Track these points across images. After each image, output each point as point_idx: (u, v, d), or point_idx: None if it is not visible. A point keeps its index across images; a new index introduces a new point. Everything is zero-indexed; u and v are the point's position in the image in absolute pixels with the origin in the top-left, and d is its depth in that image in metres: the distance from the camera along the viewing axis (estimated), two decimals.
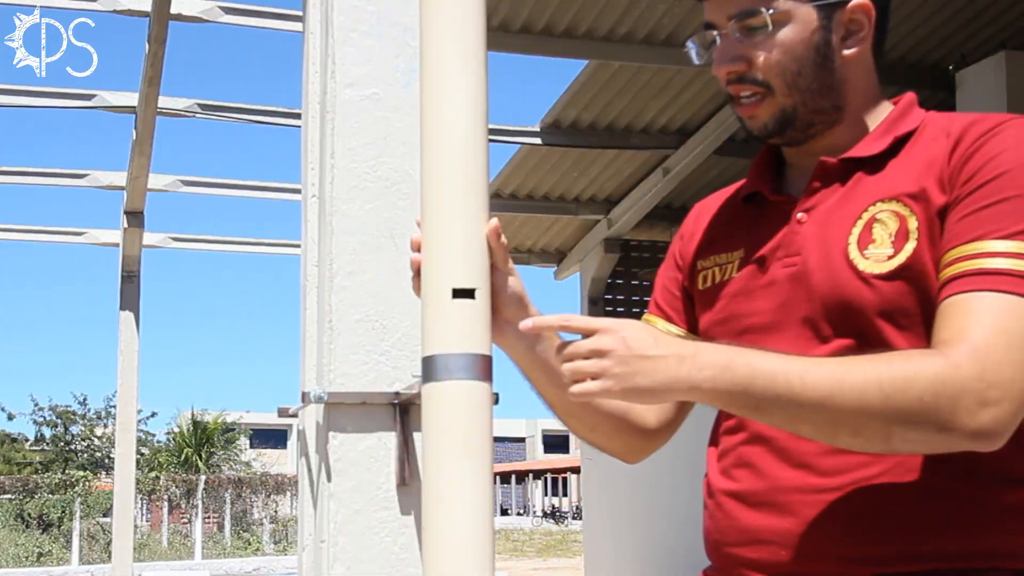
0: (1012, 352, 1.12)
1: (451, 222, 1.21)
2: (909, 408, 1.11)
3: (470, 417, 1.19)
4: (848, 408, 1.12)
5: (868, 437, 1.14)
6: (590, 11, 5.98)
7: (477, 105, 1.23)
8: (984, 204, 1.18)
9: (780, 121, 1.32)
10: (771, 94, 1.31)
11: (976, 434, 1.12)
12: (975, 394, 1.11)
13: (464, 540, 1.16)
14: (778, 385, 1.14)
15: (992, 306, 1.14)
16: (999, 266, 1.15)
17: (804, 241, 1.30)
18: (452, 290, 1.20)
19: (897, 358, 1.14)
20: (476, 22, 1.25)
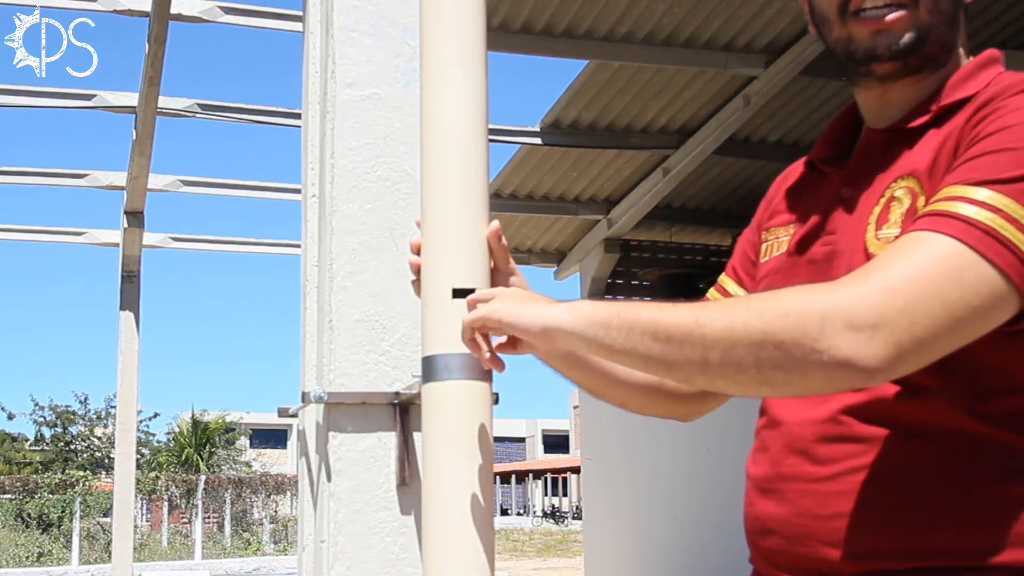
0: (912, 286, 1.02)
1: (451, 222, 1.21)
2: (775, 326, 1.03)
3: (470, 417, 1.19)
4: (716, 332, 1.06)
5: (738, 364, 1.05)
6: (590, 11, 5.98)
7: (477, 105, 1.23)
8: (979, 153, 1.10)
9: (915, 39, 1.23)
10: (914, 6, 1.23)
11: (845, 363, 1.01)
12: (847, 315, 1.01)
13: (464, 540, 1.16)
14: (642, 314, 1.10)
15: (929, 247, 1.04)
16: (961, 211, 1.05)
17: (841, 219, 1.27)
18: (452, 290, 1.21)
19: (776, 289, 1.09)
20: (476, 22, 1.25)
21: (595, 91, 6.96)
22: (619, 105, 7.16)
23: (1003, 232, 1.04)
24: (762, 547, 1.30)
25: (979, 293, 1.03)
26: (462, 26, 1.24)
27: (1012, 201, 1.05)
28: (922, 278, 1.02)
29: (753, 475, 1.33)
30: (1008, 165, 1.07)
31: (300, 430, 2.61)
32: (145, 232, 7.41)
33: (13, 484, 21.85)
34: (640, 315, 1.11)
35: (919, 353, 1.03)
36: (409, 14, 2.38)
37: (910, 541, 1.15)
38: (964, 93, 1.22)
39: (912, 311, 1.01)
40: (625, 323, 1.11)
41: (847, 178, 1.29)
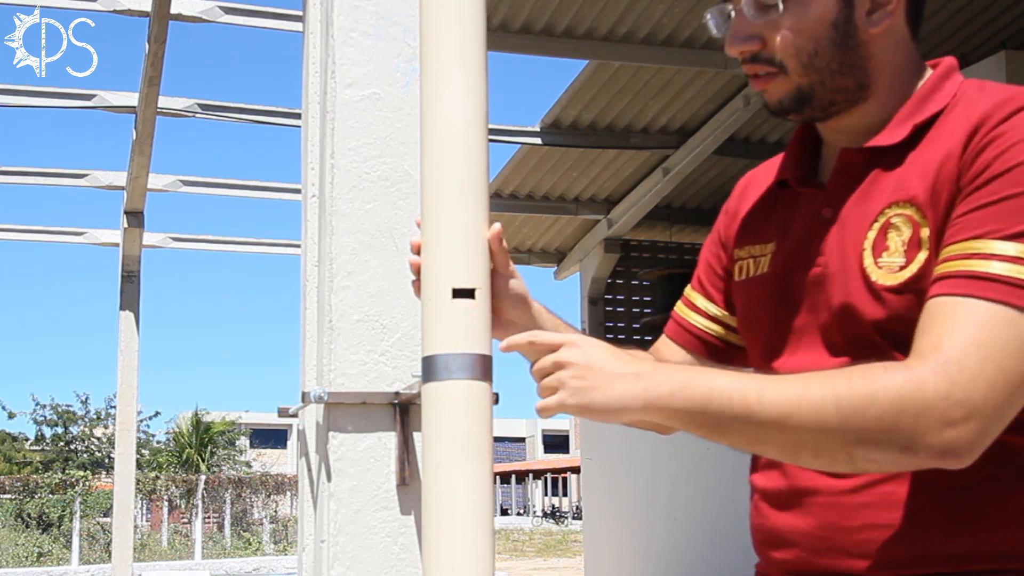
0: (987, 366, 1.05)
1: (451, 222, 1.21)
2: (869, 428, 1.06)
3: (470, 417, 1.19)
4: (806, 428, 1.07)
5: (830, 457, 1.09)
6: (590, 11, 5.98)
7: (477, 105, 1.23)
8: (991, 200, 1.10)
9: (796, 100, 1.25)
10: (784, 73, 1.24)
11: (943, 453, 1.06)
12: (939, 413, 1.04)
13: (464, 540, 1.16)
14: (735, 405, 1.09)
15: (975, 315, 1.06)
16: (994, 271, 1.07)
17: (827, 242, 1.25)
18: (452, 290, 1.20)
19: (859, 374, 1.08)
20: (476, 22, 1.25)
21: (595, 91, 6.96)
22: (619, 105, 7.16)
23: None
24: (778, 559, 1.30)
25: None
26: (462, 26, 1.24)
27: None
28: (994, 358, 1.05)
29: (764, 488, 1.33)
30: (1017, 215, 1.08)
31: (300, 430, 2.61)
32: (145, 232, 7.41)
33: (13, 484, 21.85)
34: (732, 406, 1.09)
35: (1000, 426, 1.08)
36: (409, 14, 2.38)
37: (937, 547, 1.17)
38: (935, 107, 1.22)
39: (994, 396, 1.05)
40: (718, 415, 1.10)
41: (827, 199, 1.27)
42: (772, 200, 1.38)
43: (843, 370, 1.09)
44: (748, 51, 1.25)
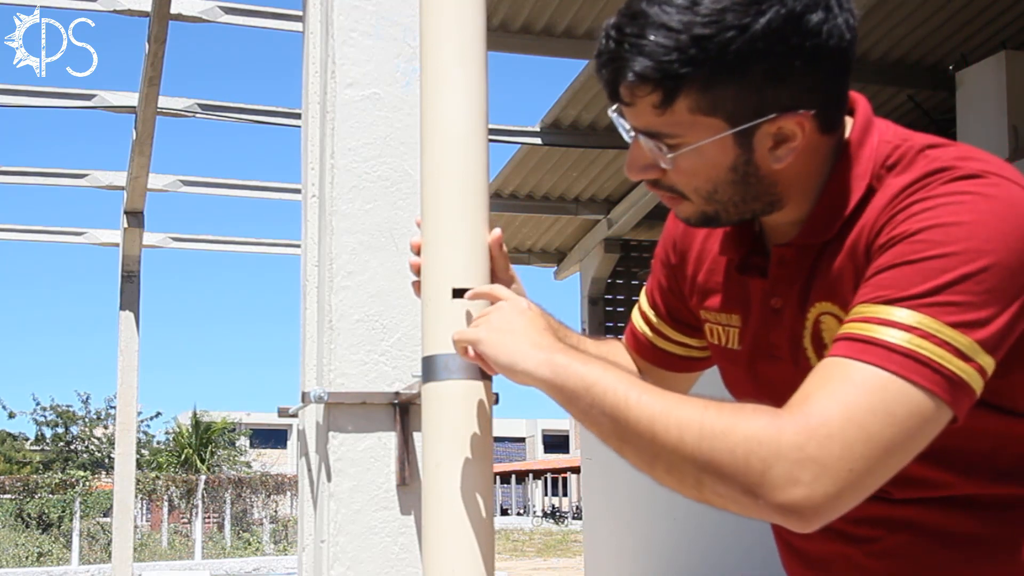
0: (848, 428, 1.01)
1: (451, 222, 1.21)
2: (720, 460, 1.04)
3: (470, 417, 1.19)
4: (665, 442, 1.06)
5: (680, 478, 1.08)
6: (590, 11, 5.98)
7: (477, 105, 1.23)
8: (889, 264, 1.08)
9: (703, 221, 1.23)
10: (686, 199, 1.21)
11: (783, 508, 1.03)
12: (789, 464, 1.01)
13: (464, 540, 1.16)
14: (607, 399, 1.09)
15: (850, 376, 1.04)
16: (883, 337, 1.04)
17: (779, 334, 1.25)
18: (452, 290, 1.21)
19: (730, 408, 1.06)
20: (476, 22, 1.25)
21: (595, 91, 6.95)
22: None
23: (923, 352, 1.04)
24: None
25: (912, 422, 1.04)
26: (462, 26, 1.24)
27: (926, 317, 1.05)
28: (856, 419, 1.02)
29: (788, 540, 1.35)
30: (917, 278, 1.06)
31: (300, 430, 2.61)
32: (145, 232, 7.41)
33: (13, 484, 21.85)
34: (607, 396, 1.09)
35: (856, 495, 1.04)
36: (409, 14, 2.38)
37: None
38: (856, 194, 1.17)
39: (850, 457, 1.02)
40: (594, 400, 1.10)
41: (773, 288, 1.26)
42: (722, 263, 1.35)
43: (719, 401, 1.08)
44: (648, 179, 1.22)
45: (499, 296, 1.21)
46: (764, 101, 1.11)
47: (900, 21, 6.18)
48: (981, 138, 5.96)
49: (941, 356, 1.04)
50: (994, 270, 1.05)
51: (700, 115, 1.12)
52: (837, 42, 1.11)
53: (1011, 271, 1.06)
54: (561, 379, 1.12)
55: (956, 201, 1.07)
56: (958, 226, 1.06)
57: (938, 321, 1.04)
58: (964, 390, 1.05)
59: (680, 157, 1.15)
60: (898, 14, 6.11)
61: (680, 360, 1.48)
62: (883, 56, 6.50)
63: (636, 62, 1.10)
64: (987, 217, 1.06)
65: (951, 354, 1.04)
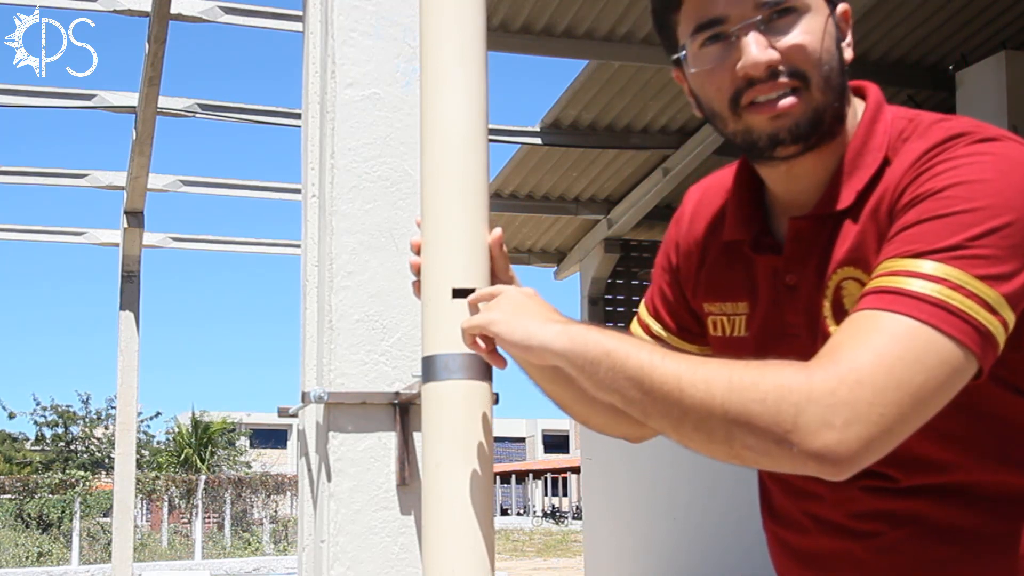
0: (879, 373, 1.03)
1: (451, 222, 1.21)
2: (751, 410, 1.03)
3: (470, 417, 1.19)
4: (693, 398, 1.06)
5: (709, 434, 1.07)
6: (590, 11, 5.98)
7: (477, 105, 1.23)
8: (915, 221, 1.11)
9: (812, 121, 1.21)
10: (806, 89, 1.19)
11: (816, 455, 1.03)
12: (820, 409, 1.02)
13: (464, 540, 1.16)
14: (631, 363, 1.09)
15: (879, 326, 1.06)
16: (913, 288, 1.07)
17: (795, 309, 1.26)
18: (452, 290, 1.21)
19: (756, 363, 1.07)
20: (476, 22, 1.25)
21: (595, 91, 6.96)
22: (619, 105, 7.16)
23: (952, 302, 1.06)
24: None
25: (941, 370, 1.05)
26: (462, 26, 1.24)
27: (955, 269, 1.07)
28: (886, 365, 1.04)
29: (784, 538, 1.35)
30: (945, 232, 1.08)
31: (300, 430, 2.61)
32: (145, 232, 7.41)
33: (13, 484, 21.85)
34: (629, 360, 1.09)
35: (888, 441, 1.05)
36: (409, 14, 2.38)
37: None
38: (872, 165, 1.21)
39: (881, 403, 1.03)
40: (614, 365, 1.10)
41: (787, 266, 1.27)
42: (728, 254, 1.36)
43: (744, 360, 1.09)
44: (776, 63, 1.18)
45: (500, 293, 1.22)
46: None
47: (900, 21, 6.18)
48: None
49: (970, 307, 1.06)
50: (1018, 225, 1.08)
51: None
52: None
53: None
54: (580, 348, 1.11)
55: (979, 161, 1.11)
56: (983, 183, 1.10)
57: (966, 273, 1.07)
58: (991, 342, 1.07)
59: (797, 30, 1.19)
60: (898, 14, 6.11)
61: None
62: (883, 56, 6.50)
63: None
64: (1010, 176, 1.10)
65: (979, 305, 1.06)
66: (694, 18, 1.22)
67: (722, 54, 1.20)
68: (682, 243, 1.44)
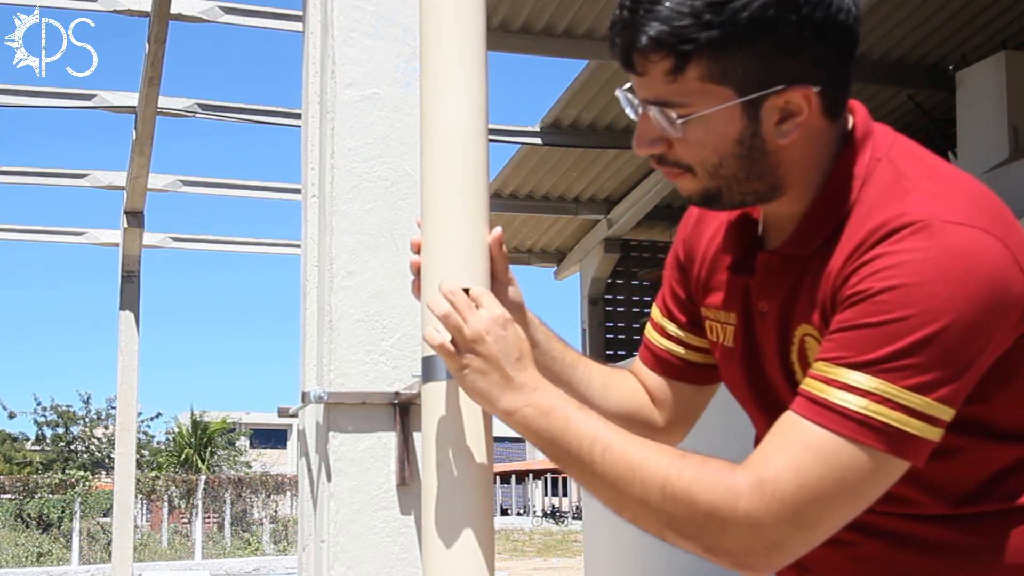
0: (799, 494, 1.07)
1: (451, 222, 1.21)
2: (681, 523, 1.11)
3: (470, 417, 1.19)
4: (631, 497, 1.13)
5: (645, 527, 1.15)
6: (590, 11, 5.98)
7: (477, 105, 1.23)
8: (848, 325, 1.09)
9: (704, 199, 1.22)
10: (692, 173, 1.20)
11: (739, 566, 1.11)
12: (744, 532, 1.08)
13: (464, 540, 1.16)
14: (581, 451, 1.14)
15: (805, 439, 1.08)
16: (835, 400, 1.08)
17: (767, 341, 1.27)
18: None
19: (693, 467, 1.11)
20: (476, 22, 1.25)
21: (595, 91, 6.96)
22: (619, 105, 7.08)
23: (878, 418, 1.07)
24: None
25: (863, 482, 1.08)
26: (462, 26, 1.24)
27: (883, 383, 1.07)
28: (809, 486, 1.07)
29: None
30: (876, 341, 1.07)
31: (300, 430, 2.61)
32: (145, 232, 7.41)
33: (13, 484, 21.84)
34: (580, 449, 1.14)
35: (807, 548, 1.11)
36: (409, 14, 2.38)
37: None
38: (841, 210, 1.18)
39: (801, 522, 1.08)
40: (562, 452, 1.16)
41: (759, 293, 1.27)
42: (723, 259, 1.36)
43: (683, 457, 1.12)
44: (655, 153, 1.21)
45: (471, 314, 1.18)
46: (773, 72, 1.12)
47: (900, 21, 6.18)
48: (981, 138, 5.96)
49: (897, 420, 1.07)
50: (954, 328, 1.06)
51: (710, 83, 1.13)
52: (844, 16, 1.13)
53: (972, 325, 1.07)
54: (532, 428, 1.16)
55: (917, 259, 1.07)
56: (918, 286, 1.06)
57: (895, 386, 1.07)
58: (921, 444, 1.08)
59: (689, 127, 1.16)
60: (898, 14, 6.11)
61: (699, 369, 1.47)
62: (883, 56, 6.50)
63: (651, 27, 1.13)
64: (949, 274, 1.06)
65: (908, 416, 1.07)
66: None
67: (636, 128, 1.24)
68: (688, 241, 1.45)
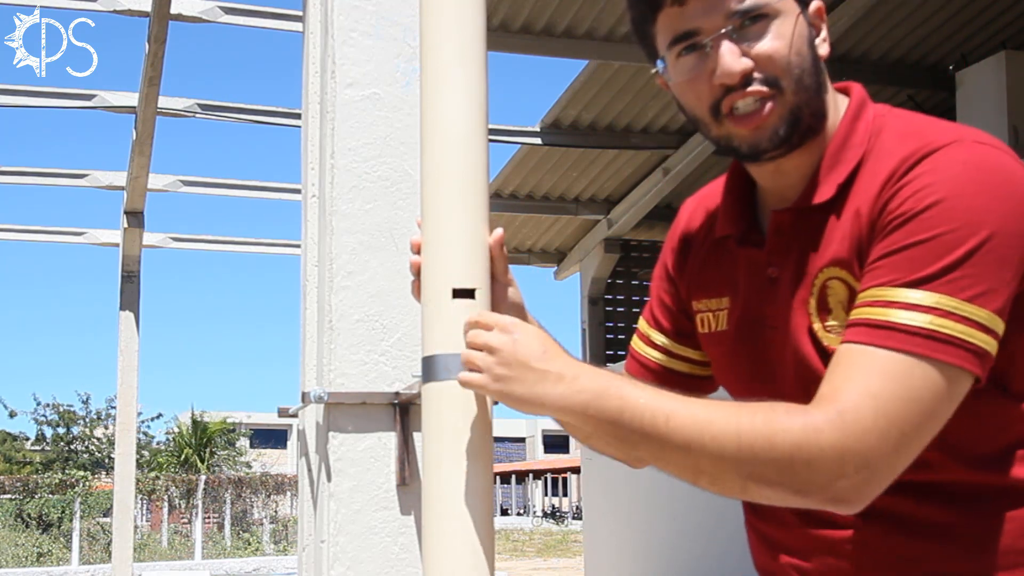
0: (880, 420, 1.07)
1: (451, 222, 1.21)
2: (764, 468, 1.09)
3: (470, 417, 1.19)
4: (707, 457, 1.11)
5: (725, 487, 1.13)
6: (590, 11, 5.98)
7: (477, 105, 1.23)
8: (897, 246, 1.11)
9: (791, 124, 1.22)
10: (780, 94, 1.21)
11: (833, 500, 1.10)
12: (832, 464, 1.08)
13: (464, 540, 1.16)
14: (644, 423, 1.12)
15: (874, 365, 1.09)
16: (895, 319, 1.09)
17: (778, 307, 1.27)
18: (452, 290, 1.21)
19: (762, 413, 1.10)
20: (476, 22, 1.25)
21: (595, 91, 6.96)
22: (619, 105, 7.16)
23: (944, 331, 1.08)
24: None
25: (939, 399, 1.09)
26: (462, 26, 1.24)
27: (944, 296, 1.09)
28: (887, 410, 1.08)
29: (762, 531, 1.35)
30: (929, 258, 1.10)
31: (300, 430, 2.61)
32: (145, 232, 7.41)
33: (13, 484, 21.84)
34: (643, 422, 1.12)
35: (896, 471, 1.11)
36: (409, 14, 2.38)
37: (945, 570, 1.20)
38: (853, 159, 1.22)
39: (886, 446, 1.08)
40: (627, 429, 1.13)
41: (770, 259, 1.28)
42: (717, 250, 1.38)
43: (747, 407, 1.12)
44: (747, 70, 1.20)
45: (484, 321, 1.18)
46: None
47: (900, 21, 6.18)
48: None
49: (962, 332, 1.08)
50: (999, 236, 1.09)
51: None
52: None
53: (1014, 234, 1.10)
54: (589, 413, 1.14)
55: (955, 175, 1.12)
56: (960, 199, 1.10)
57: (955, 299, 1.09)
58: (985, 357, 1.10)
59: (768, 35, 1.20)
60: (898, 14, 6.11)
61: (683, 379, 1.47)
62: (883, 56, 6.50)
63: None
64: (986, 186, 1.11)
65: (971, 327, 1.08)
66: (670, 30, 1.24)
67: (698, 64, 1.23)
68: (677, 247, 1.46)
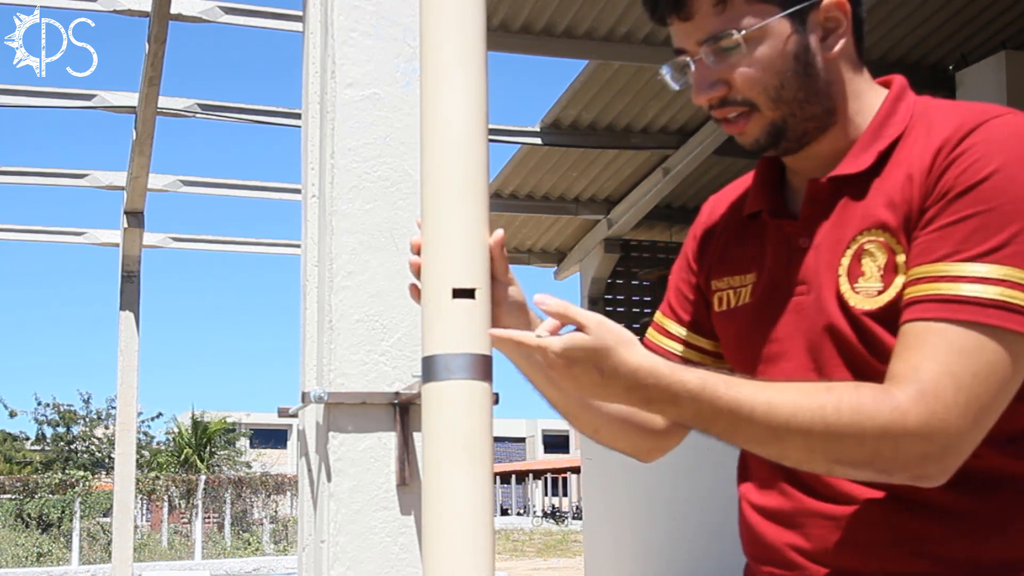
0: (960, 396, 1.09)
1: (451, 222, 1.21)
2: (852, 453, 1.12)
3: (470, 417, 1.19)
4: (793, 448, 1.13)
5: (811, 468, 1.17)
6: (590, 11, 5.98)
7: (477, 105, 1.23)
8: (957, 218, 1.13)
9: (772, 134, 1.27)
10: (757, 110, 1.25)
11: (916, 477, 1.13)
12: (918, 445, 1.10)
13: (464, 540, 1.16)
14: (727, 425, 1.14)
15: (948, 341, 1.10)
16: (964, 293, 1.10)
17: (807, 272, 1.27)
18: (452, 290, 1.20)
19: (844, 397, 1.12)
20: (476, 22, 1.25)
21: (595, 91, 6.96)
22: (619, 105, 7.16)
23: (1015, 301, 1.10)
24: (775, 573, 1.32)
25: (1012, 370, 1.11)
26: (462, 26, 1.24)
27: (1010, 268, 1.10)
28: (966, 384, 1.10)
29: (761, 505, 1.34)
30: (989, 230, 1.11)
31: (300, 430, 2.61)
32: (145, 232, 7.41)
33: (13, 484, 21.84)
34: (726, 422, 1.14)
35: (972, 447, 1.13)
36: (409, 14, 2.38)
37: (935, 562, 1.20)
38: (895, 131, 1.25)
39: (967, 422, 1.10)
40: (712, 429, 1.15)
41: (801, 228, 1.29)
42: (743, 231, 1.40)
43: (829, 390, 1.13)
44: (716, 96, 1.26)
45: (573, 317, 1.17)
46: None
47: (900, 21, 6.18)
48: None
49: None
50: None
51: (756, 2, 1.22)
52: None
53: None
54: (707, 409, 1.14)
55: (1012, 145, 1.14)
56: (1017, 168, 1.12)
57: (1022, 270, 1.10)
58: None
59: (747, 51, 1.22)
60: (898, 14, 6.11)
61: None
62: (883, 56, 6.50)
63: None
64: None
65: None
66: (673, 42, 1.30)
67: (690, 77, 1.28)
68: (699, 236, 1.48)
